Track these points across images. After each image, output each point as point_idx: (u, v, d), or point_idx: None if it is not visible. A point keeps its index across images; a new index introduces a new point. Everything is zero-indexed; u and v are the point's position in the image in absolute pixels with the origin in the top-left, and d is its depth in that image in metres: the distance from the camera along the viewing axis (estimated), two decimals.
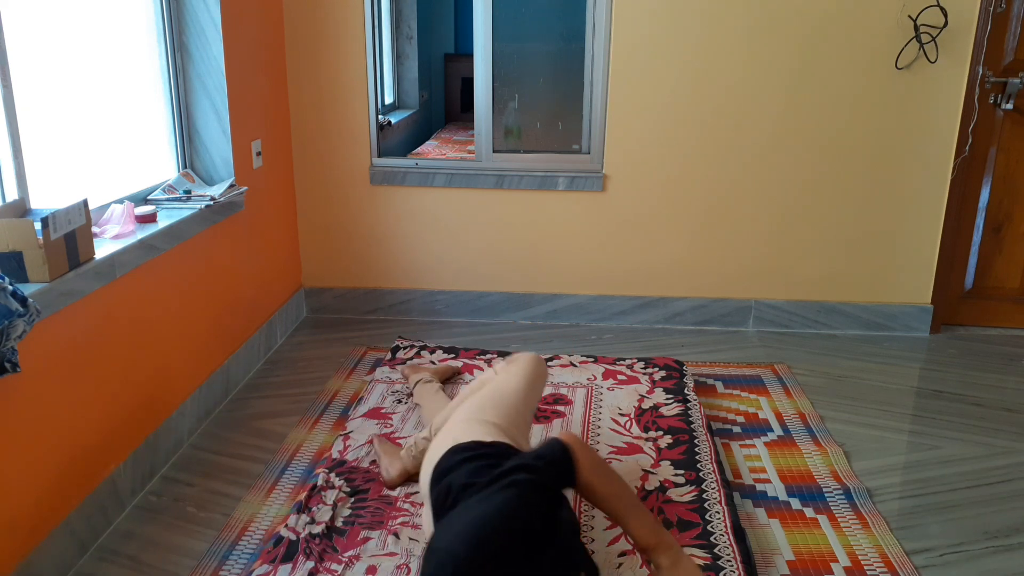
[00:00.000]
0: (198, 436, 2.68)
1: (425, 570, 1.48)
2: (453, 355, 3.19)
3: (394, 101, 5.28)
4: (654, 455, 2.48)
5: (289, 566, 1.96)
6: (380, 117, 3.66)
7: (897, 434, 2.76)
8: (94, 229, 2.26)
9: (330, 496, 2.24)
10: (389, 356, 3.20)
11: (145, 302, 2.40)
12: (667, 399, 2.82)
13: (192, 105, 2.88)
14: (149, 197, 2.67)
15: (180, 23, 2.80)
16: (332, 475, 2.34)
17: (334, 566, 1.98)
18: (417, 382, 2.81)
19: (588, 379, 3.01)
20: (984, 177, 3.51)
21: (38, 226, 1.87)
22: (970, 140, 3.40)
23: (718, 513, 2.18)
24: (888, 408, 2.93)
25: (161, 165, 2.85)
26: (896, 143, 3.44)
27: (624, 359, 3.18)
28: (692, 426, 2.63)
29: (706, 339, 3.56)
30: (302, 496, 2.23)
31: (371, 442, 2.51)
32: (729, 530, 2.11)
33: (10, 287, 1.68)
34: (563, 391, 2.92)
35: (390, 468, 2.33)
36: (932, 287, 3.61)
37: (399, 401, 2.84)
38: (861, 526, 2.22)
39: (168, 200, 2.66)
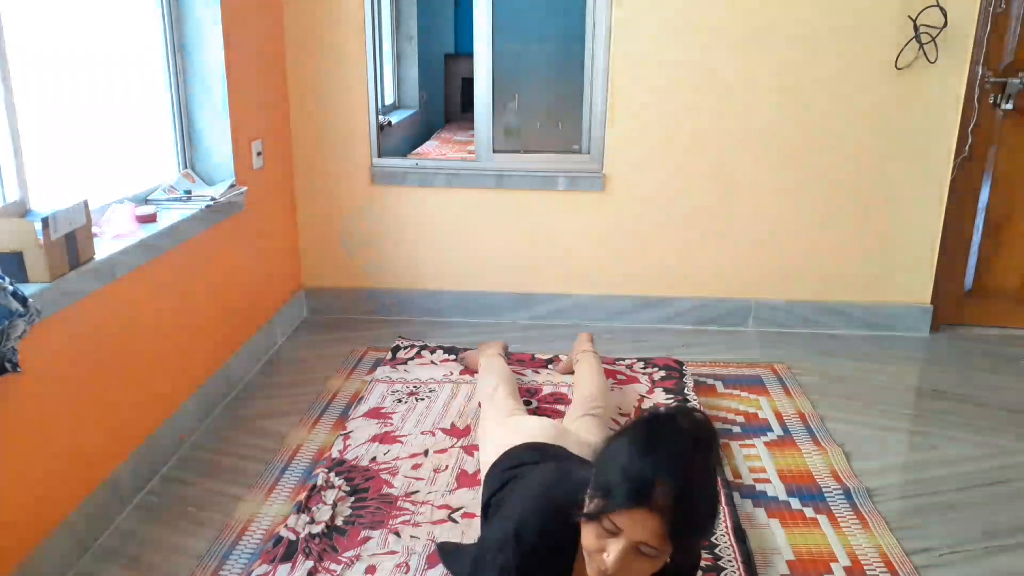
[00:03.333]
0: (198, 436, 2.68)
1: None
2: (453, 355, 3.20)
3: (394, 101, 5.28)
4: None
5: (288, 566, 1.96)
6: (380, 117, 3.66)
7: (897, 434, 2.76)
8: (94, 229, 2.26)
9: (330, 496, 2.24)
10: (389, 356, 3.21)
11: (145, 302, 2.40)
12: (667, 399, 2.82)
13: (192, 105, 2.88)
14: (149, 197, 2.67)
15: (180, 23, 2.80)
16: (332, 475, 2.35)
17: (333, 566, 1.98)
18: (484, 356, 2.92)
19: None
20: (984, 177, 3.50)
21: (38, 226, 1.87)
22: (970, 140, 3.40)
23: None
24: (888, 408, 2.93)
25: (161, 165, 2.85)
26: (896, 143, 3.43)
27: (624, 359, 3.18)
28: None
29: (706, 339, 3.56)
30: (302, 496, 2.23)
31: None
32: (730, 530, 2.11)
33: (10, 287, 1.68)
34: (563, 390, 2.92)
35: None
36: (932, 287, 3.60)
37: (399, 401, 2.84)
38: (861, 526, 2.22)
39: (168, 200, 2.66)
